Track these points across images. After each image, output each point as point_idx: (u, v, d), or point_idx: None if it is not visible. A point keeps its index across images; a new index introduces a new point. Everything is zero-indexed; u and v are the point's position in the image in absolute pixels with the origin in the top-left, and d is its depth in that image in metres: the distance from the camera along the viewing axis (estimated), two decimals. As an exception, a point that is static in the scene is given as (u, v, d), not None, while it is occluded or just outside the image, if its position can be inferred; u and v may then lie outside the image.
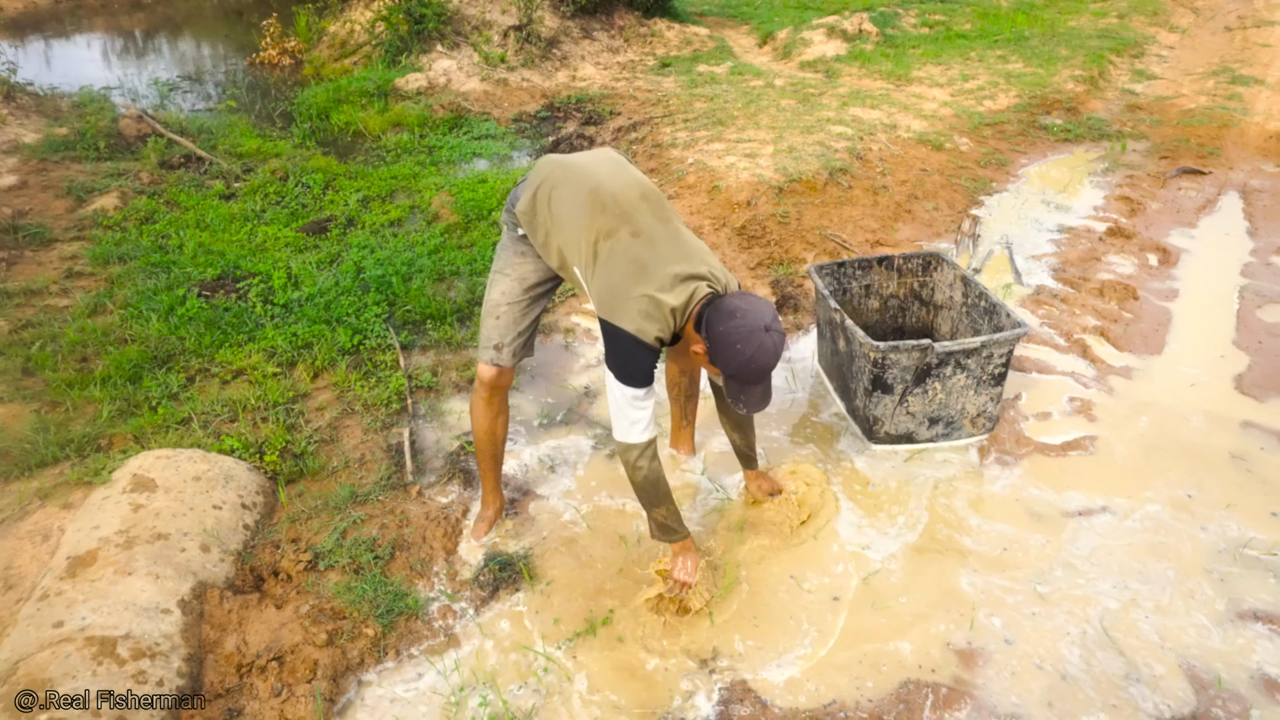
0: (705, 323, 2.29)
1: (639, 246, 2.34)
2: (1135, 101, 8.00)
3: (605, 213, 2.37)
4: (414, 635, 2.54)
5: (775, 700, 2.33)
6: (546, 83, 8.61)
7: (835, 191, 5.46)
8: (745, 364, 2.25)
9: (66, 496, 2.90)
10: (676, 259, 2.35)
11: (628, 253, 2.34)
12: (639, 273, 2.32)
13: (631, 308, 2.31)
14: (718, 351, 2.26)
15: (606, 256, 2.35)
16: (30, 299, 4.31)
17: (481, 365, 2.71)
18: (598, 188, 2.40)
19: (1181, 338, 4.02)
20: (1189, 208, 5.59)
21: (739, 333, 2.22)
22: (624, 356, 2.34)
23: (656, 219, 2.40)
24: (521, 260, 2.64)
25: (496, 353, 2.68)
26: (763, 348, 2.23)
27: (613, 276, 2.34)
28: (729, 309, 2.26)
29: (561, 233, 2.45)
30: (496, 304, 2.67)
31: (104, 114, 7.05)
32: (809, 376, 3.78)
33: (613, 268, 2.34)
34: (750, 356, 2.23)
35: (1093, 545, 2.81)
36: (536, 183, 2.51)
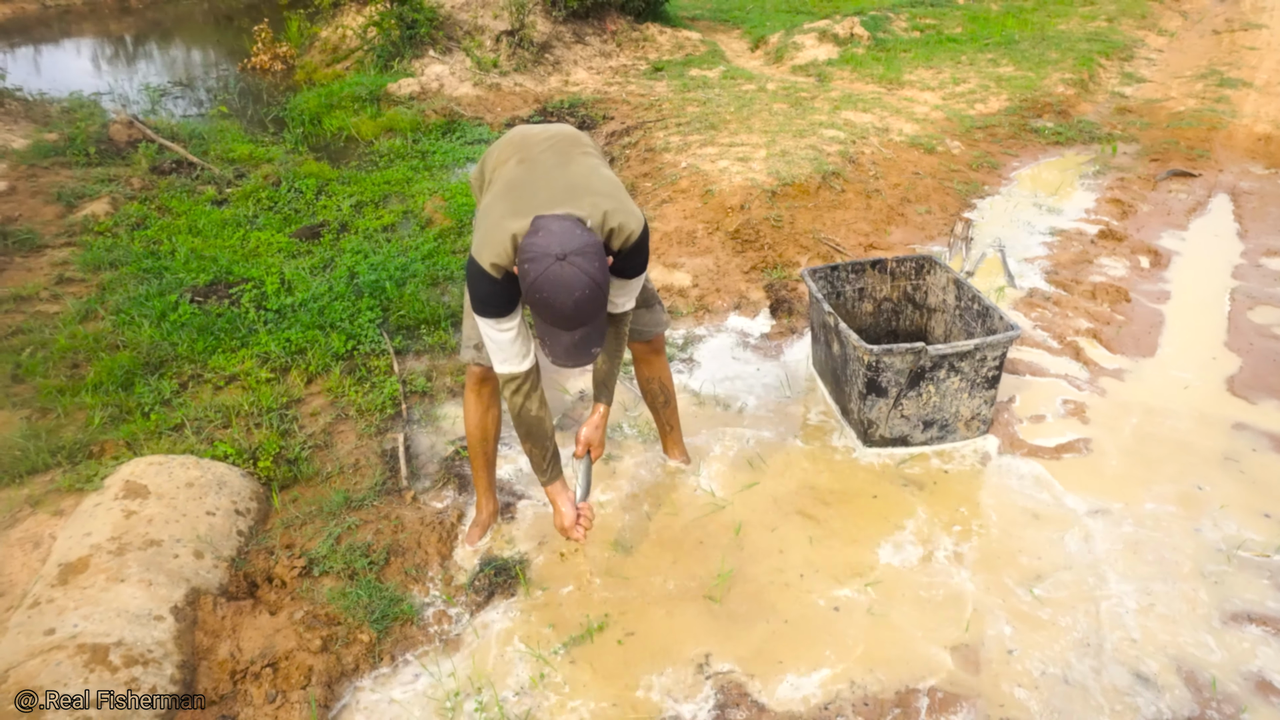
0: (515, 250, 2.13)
1: (519, 172, 2.29)
2: (1125, 104, 8.04)
3: (510, 145, 2.43)
4: (409, 641, 2.53)
5: (772, 703, 2.32)
6: (539, 87, 8.62)
7: (828, 195, 5.47)
8: (530, 290, 2.03)
9: (58, 503, 2.88)
10: (549, 187, 2.21)
11: (505, 178, 2.31)
12: (503, 195, 2.24)
13: (479, 228, 2.23)
14: (521, 280, 2.06)
15: (491, 185, 2.38)
16: (20, 305, 4.29)
17: (469, 366, 2.73)
18: (524, 133, 2.46)
19: (1173, 340, 4.04)
20: (1179, 210, 5.62)
21: (529, 251, 2.02)
22: (469, 281, 2.26)
23: (552, 152, 2.33)
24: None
25: (477, 352, 2.67)
26: (547, 276, 1.99)
27: (483, 201, 2.35)
28: (535, 226, 2.07)
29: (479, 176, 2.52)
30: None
31: (94, 119, 7.03)
32: (803, 380, 3.79)
33: (489, 193, 2.34)
34: (533, 282, 2.01)
35: (1086, 547, 2.81)
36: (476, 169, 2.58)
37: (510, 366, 2.38)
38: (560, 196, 2.20)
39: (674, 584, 2.72)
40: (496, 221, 2.17)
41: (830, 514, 3.00)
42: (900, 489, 3.11)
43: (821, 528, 2.93)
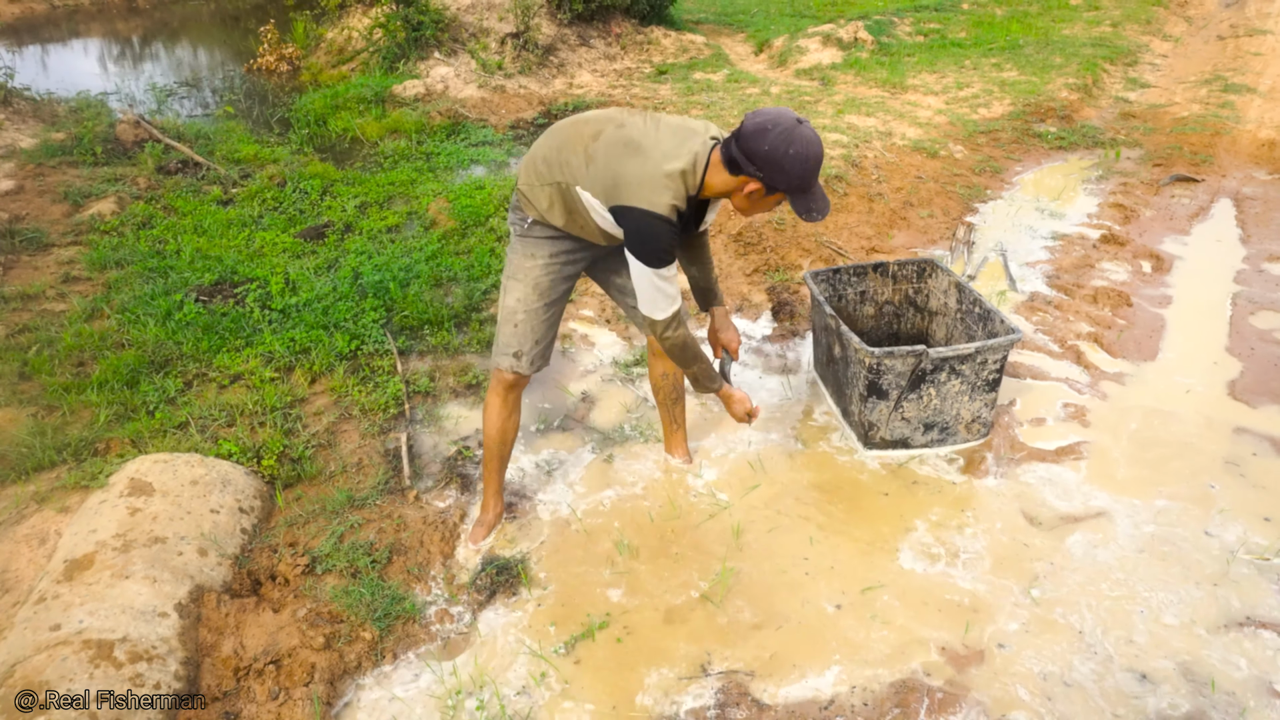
0: (745, 156, 2.25)
1: (627, 132, 2.39)
2: (1129, 109, 8.05)
3: (589, 123, 2.46)
4: (411, 639, 2.55)
5: (772, 703, 2.34)
6: (544, 90, 8.65)
7: (831, 198, 5.48)
8: (801, 164, 2.23)
9: (63, 500, 2.90)
10: (668, 137, 2.37)
11: (618, 140, 2.38)
12: (634, 152, 2.34)
13: (636, 184, 2.31)
14: (773, 168, 2.23)
15: (598, 154, 2.39)
16: (27, 303, 4.31)
17: (499, 371, 2.73)
18: (580, 117, 2.52)
19: (1175, 344, 4.05)
20: (1182, 215, 5.63)
21: (784, 138, 2.21)
22: (641, 236, 2.36)
23: (642, 117, 2.46)
24: (532, 260, 2.64)
25: (515, 360, 2.69)
26: (807, 140, 2.22)
27: (609, 165, 2.36)
28: (758, 126, 2.23)
29: (558, 167, 2.47)
30: (514, 311, 2.67)
31: (101, 119, 7.06)
32: (805, 382, 3.80)
33: (608, 157, 2.37)
34: (803, 154, 2.22)
35: (1086, 550, 2.82)
36: (527, 159, 2.59)
37: (674, 306, 2.52)
38: (682, 134, 2.39)
39: (675, 584, 2.73)
40: (654, 170, 2.31)
41: (830, 516, 3.01)
42: (900, 491, 3.12)
43: (822, 529, 2.95)
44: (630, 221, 2.35)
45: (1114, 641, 2.49)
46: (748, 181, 2.31)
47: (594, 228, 2.53)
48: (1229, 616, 2.56)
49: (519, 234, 2.66)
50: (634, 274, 2.45)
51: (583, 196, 2.45)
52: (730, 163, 2.29)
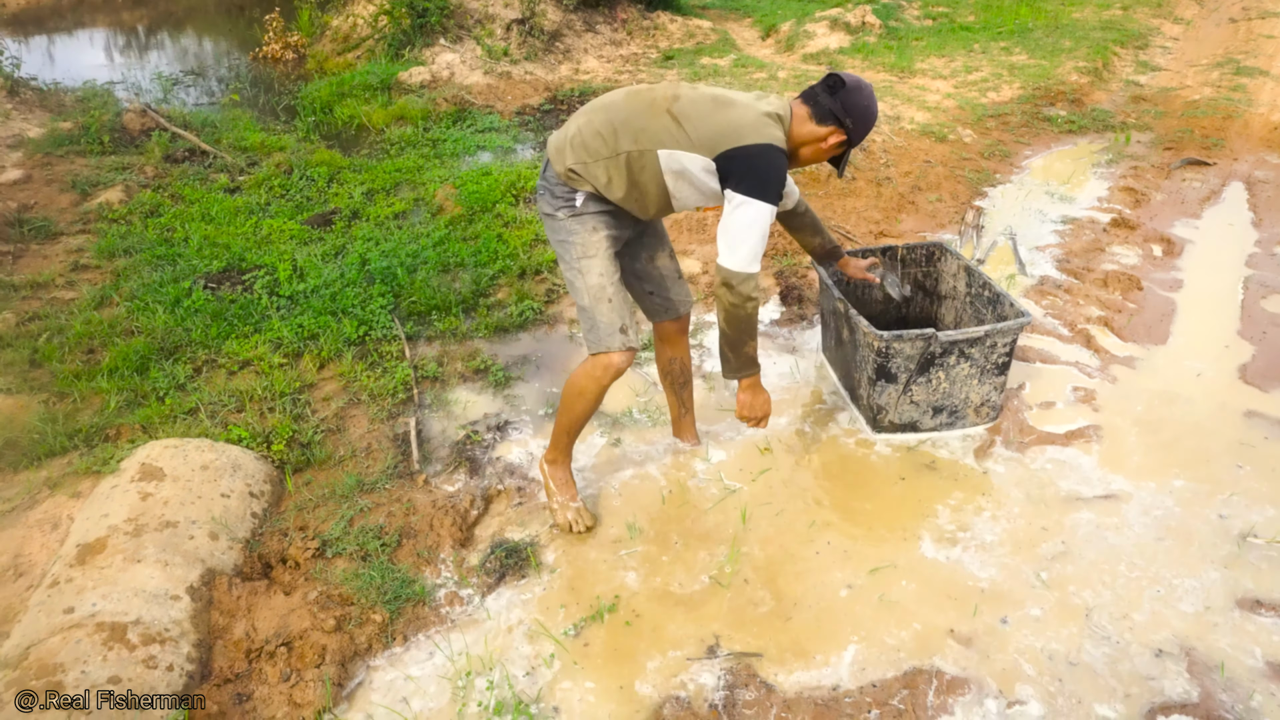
0: (844, 108, 2.47)
1: (710, 90, 2.53)
2: (1139, 93, 7.98)
3: (654, 90, 2.54)
4: (421, 621, 2.56)
5: (781, 685, 2.34)
6: (549, 76, 8.61)
7: (838, 183, 5.46)
8: (871, 116, 2.52)
9: (75, 486, 2.92)
10: (745, 94, 2.55)
11: (704, 98, 2.49)
12: (728, 104, 2.47)
13: (746, 127, 2.41)
14: (861, 122, 2.50)
15: (688, 112, 2.45)
16: (36, 292, 4.33)
17: (612, 356, 2.59)
18: (630, 90, 2.58)
19: (1185, 328, 4.02)
20: (1193, 199, 5.58)
21: (871, 97, 2.51)
22: (765, 171, 2.43)
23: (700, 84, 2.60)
24: (596, 234, 2.58)
25: (625, 336, 2.59)
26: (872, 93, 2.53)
27: (708, 119, 2.44)
28: (857, 84, 2.49)
29: (630, 136, 2.48)
30: (602, 287, 2.56)
31: (107, 109, 7.06)
32: (813, 366, 3.79)
33: (701, 113, 2.45)
34: (872, 107, 2.52)
35: (1095, 533, 2.82)
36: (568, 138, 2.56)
37: (758, 263, 2.51)
38: (754, 93, 2.61)
39: (684, 567, 2.74)
40: (755, 115, 2.45)
41: (838, 499, 3.01)
42: (908, 474, 3.11)
43: (829, 512, 2.95)
44: (746, 161, 2.41)
45: (1123, 624, 2.48)
46: (834, 132, 2.52)
47: (654, 196, 2.56)
48: (1240, 600, 2.55)
49: (572, 214, 2.57)
50: (739, 221, 2.43)
51: (667, 159, 2.47)
52: (822, 114, 2.50)
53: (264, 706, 2.28)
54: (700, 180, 2.50)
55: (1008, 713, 2.24)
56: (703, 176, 2.49)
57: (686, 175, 2.49)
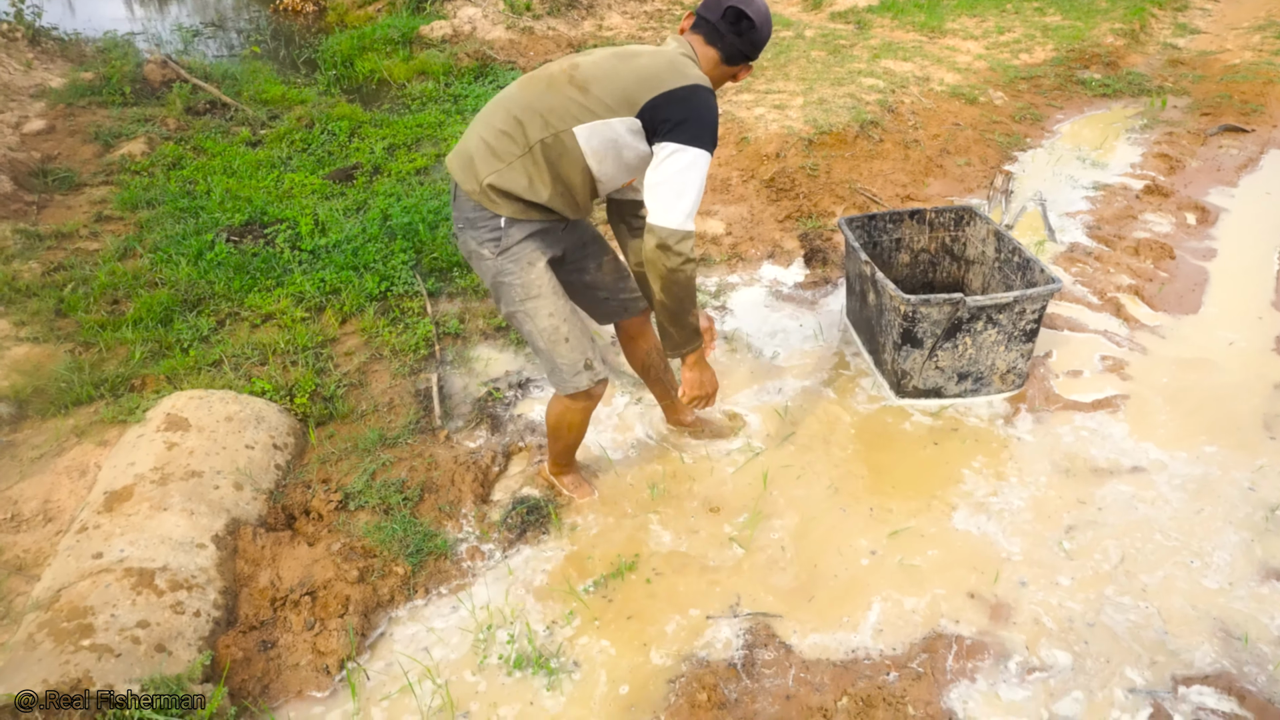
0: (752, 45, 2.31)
1: (601, 53, 2.30)
2: (1177, 56, 7.77)
3: (548, 69, 2.29)
4: (443, 574, 2.58)
5: (800, 647, 2.35)
6: (573, 32, 8.48)
7: (865, 145, 5.37)
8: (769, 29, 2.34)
9: (102, 434, 2.95)
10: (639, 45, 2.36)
11: (604, 57, 2.27)
12: (631, 55, 2.26)
13: (663, 71, 2.19)
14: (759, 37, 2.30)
15: (593, 74, 2.21)
16: (61, 242, 4.35)
17: (583, 392, 2.46)
18: (520, 79, 2.34)
19: (1218, 298, 3.95)
20: (1230, 166, 5.45)
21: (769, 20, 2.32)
22: (699, 112, 2.18)
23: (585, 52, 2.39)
24: (533, 268, 2.35)
25: (591, 371, 2.44)
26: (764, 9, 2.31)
27: (617, 75, 2.20)
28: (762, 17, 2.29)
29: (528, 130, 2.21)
30: (556, 328, 2.38)
31: (128, 59, 7.02)
32: (836, 330, 3.76)
33: (607, 72, 2.22)
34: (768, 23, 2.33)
35: (1120, 503, 2.79)
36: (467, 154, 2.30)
37: (693, 220, 2.25)
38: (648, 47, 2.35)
39: (705, 528, 2.74)
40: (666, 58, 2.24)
41: (860, 464, 3.00)
42: (931, 440, 3.09)
43: (851, 477, 2.93)
44: (676, 105, 2.16)
45: (1147, 593, 2.47)
46: (745, 69, 2.37)
47: (579, 186, 2.29)
48: (1266, 571, 2.53)
49: (500, 251, 2.31)
50: (671, 172, 2.16)
51: (586, 135, 2.21)
52: (731, 55, 2.31)
53: (288, 654, 2.31)
54: (628, 147, 2.24)
55: (1028, 678, 2.24)
56: (629, 140, 2.22)
57: (612, 147, 2.23)
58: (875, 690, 2.20)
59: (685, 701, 2.19)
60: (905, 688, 2.21)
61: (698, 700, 2.18)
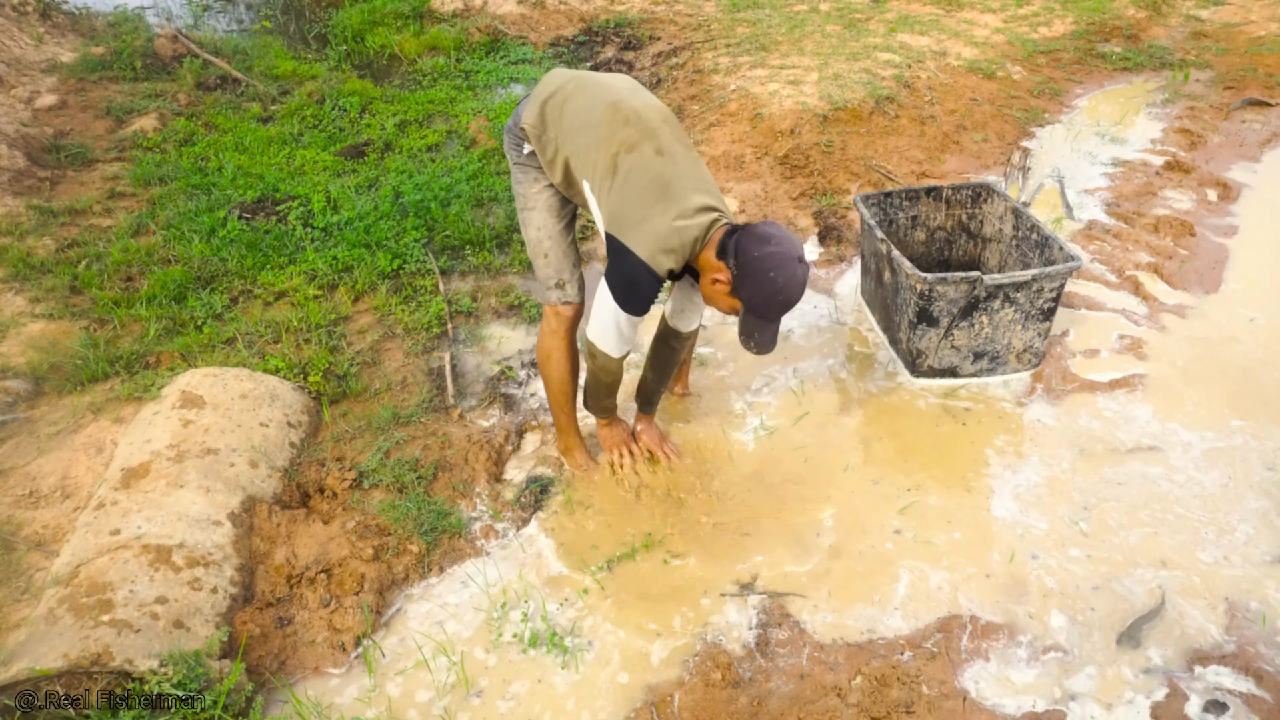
0: (735, 250, 2.19)
1: (663, 164, 2.25)
2: (1200, 28, 7.61)
3: (628, 125, 2.28)
4: (457, 552, 2.59)
5: (814, 627, 2.35)
6: (584, 5, 8.38)
7: (881, 121, 5.30)
8: (774, 294, 2.19)
9: (118, 411, 2.96)
10: (699, 186, 2.28)
11: (650, 169, 2.24)
12: (661, 192, 2.23)
13: (649, 232, 2.22)
14: (748, 279, 2.18)
15: (627, 172, 2.25)
16: (75, 218, 4.36)
17: (553, 308, 2.62)
18: (618, 101, 2.33)
19: (1240, 276, 3.89)
20: (1253, 141, 5.35)
21: (774, 260, 2.16)
22: (629, 282, 2.29)
23: (679, 142, 2.33)
24: (536, 184, 2.55)
25: (562, 291, 2.59)
26: (794, 279, 2.19)
27: (632, 193, 2.24)
28: (764, 235, 2.18)
29: (572, 143, 2.34)
30: (539, 241, 2.58)
31: (139, 34, 6.98)
32: (851, 309, 3.73)
33: (633, 183, 2.24)
34: (781, 287, 2.18)
35: (1137, 482, 2.77)
36: (546, 95, 2.41)
37: (626, 348, 2.50)
38: (702, 186, 2.29)
39: (719, 507, 2.74)
40: (667, 227, 2.22)
41: (876, 443, 2.98)
42: (947, 420, 3.07)
43: (867, 456, 2.92)
44: (623, 263, 2.27)
45: (1165, 573, 2.45)
46: (723, 269, 2.23)
47: (585, 203, 2.43)
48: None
49: (515, 160, 2.55)
50: (600, 303, 2.37)
51: (589, 197, 2.36)
52: (721, 248, 2.23)
53: (305, 630, 2.33)
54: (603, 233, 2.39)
55: (1042, 657, 2.24)
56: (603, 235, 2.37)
57: (597, 218, 2.38)
58: (890, 669, 2.20)
59: (699, 680, 2.20)
60: (920, 667, 2.21)
61: (712, 679, 2.19)
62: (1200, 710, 2.11)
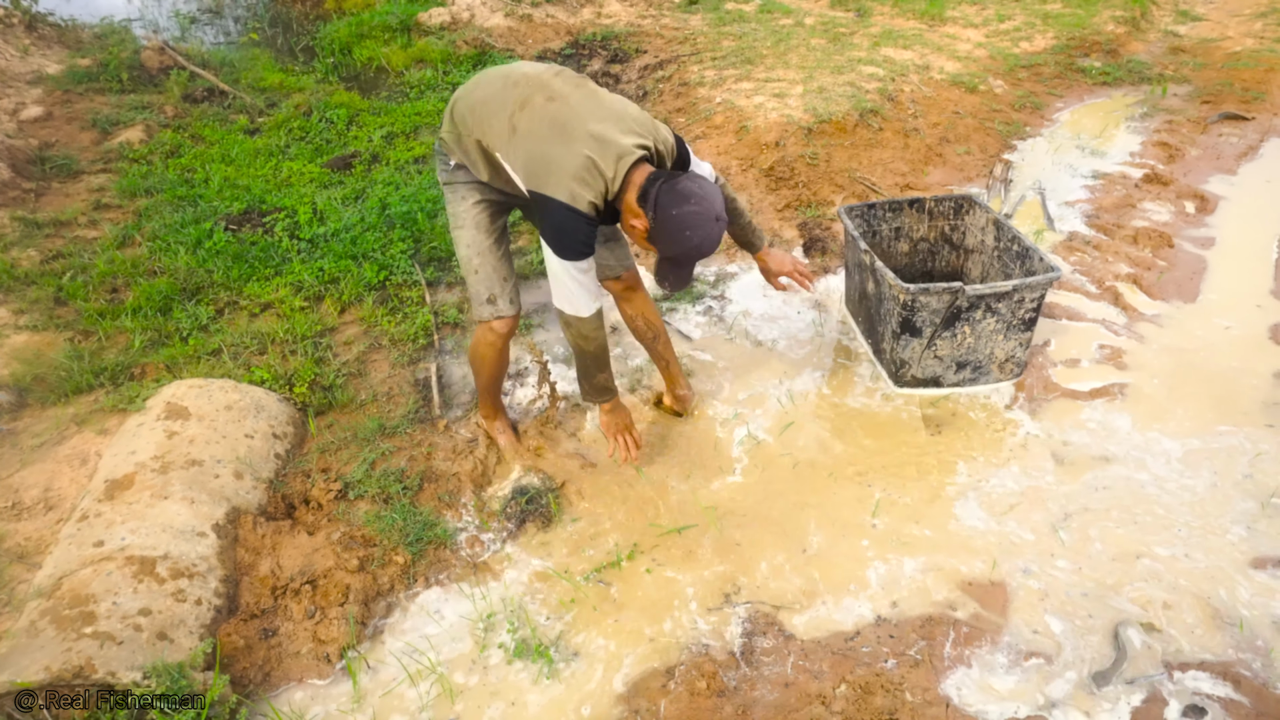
0: (655, 202, 2.22)
1: (555, 108, 2.28)
2: (1178, 43, 7.74)
3: (518, 87, 2.35)
4: (443, 564, 2.59)
5: (799, 633, 2.36)
6: (571, 19, 8.43)
7: (865, 133, 5.35)
8: (688, 251, 2.27)
9: (102, 423, 2.96)
10: (597, 117, 2.27)
11: (544, 115, 2.27)
12: (559, 132, 2.25)
13: (558, 171, 2.23)
14: (664, 234, 2.24)
15: (525, 125, 2.29)
16: (60, 230, 4.34)
17: (486, 324, 2.67)
18: (508, 73, 2.42)
19: (1217, 286, 3.95)
20: (1230, 154, 5.44)
21: (692, 219, 2.21)
22: (559, 229, 2.30)
23: (571, 85, 2.35)
24: (464, 202, 2.58)
25: (494, 306, 2.64)
26: (709, 238, 2.25)
27: (533, 142, 2.27)
28: (685, 192, 2.21)
29: (480, 125, 2.39)
30: (469, 259, 2.62)
31: (125, 45, 6.99)
32: (836, 319, 3.76)
33: (531, 134, 2.28)
34: (696, 245, 2.25)
35: (1116, 491, 2.80)
36: (451, 104, 2.50)
37: (595, 303, 2.47)
38: (600, 117, 2.28)
39: (703, 517, 2.75)
40: (576, 161, 2.22)
41: (859, 452, 3.01)
42: (930, 429, 3.10)
43: (851, 465, 2.94)
44: (548, 213, 2.28)
45: (1145, 581, 2.48)
46: (641, 216, 2.26)
47: (518, 187, 2.42)
48: (1262, 558, 2.54)
49: (445, 180, 2.61)
50: (549, 265, 2.39)
51: (506, 166, 2.38)
52: (643, 193, 2.25)
53: (289, 642, 2.33)
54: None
55: (1024, 664, 2.26)
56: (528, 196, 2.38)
57: (522, 186, 2.38)
58: (874, 677, 2.21)
59: (685, 689, 2.20)
60: (904, 674, 2.23)
61: (697, 688, 2.20)
62: (1179, 715, 2.13)
